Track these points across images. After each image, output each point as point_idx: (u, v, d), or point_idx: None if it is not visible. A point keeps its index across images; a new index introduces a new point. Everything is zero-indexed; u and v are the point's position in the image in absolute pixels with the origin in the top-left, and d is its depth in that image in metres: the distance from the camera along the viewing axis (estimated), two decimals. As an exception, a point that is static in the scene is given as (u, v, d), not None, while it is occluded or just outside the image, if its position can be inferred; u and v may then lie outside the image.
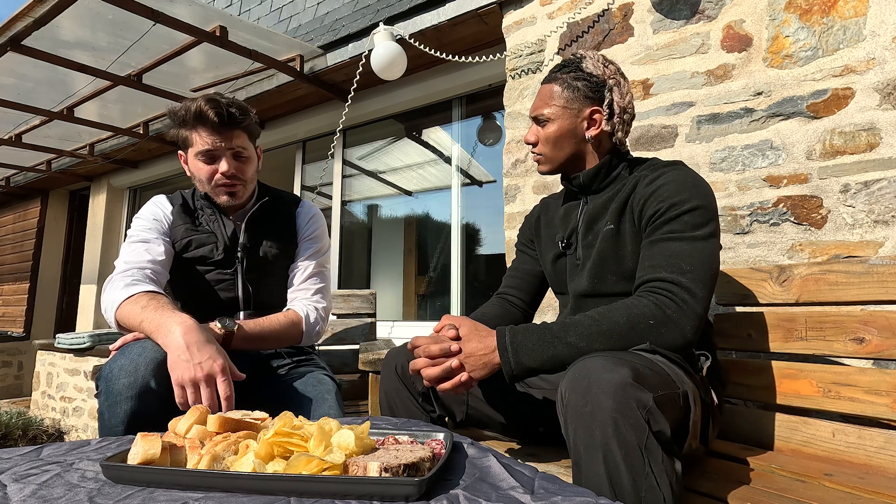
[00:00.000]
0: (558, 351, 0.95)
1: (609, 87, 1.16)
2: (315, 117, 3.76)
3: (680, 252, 1.01)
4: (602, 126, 1.17)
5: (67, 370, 4.72)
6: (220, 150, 1.39)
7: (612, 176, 1.20)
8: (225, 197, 1.44)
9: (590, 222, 1.19)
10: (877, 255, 1.48)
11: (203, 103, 1.35)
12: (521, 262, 1.41)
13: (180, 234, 1.44)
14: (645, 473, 0.76)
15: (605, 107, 1.16)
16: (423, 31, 2.67)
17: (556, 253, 1.26)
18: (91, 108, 3.81)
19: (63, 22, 2.68)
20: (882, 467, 1.04)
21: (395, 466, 0.64)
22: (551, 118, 1.19)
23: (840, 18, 1.60)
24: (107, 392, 1.11)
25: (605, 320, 0.97)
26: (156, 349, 1.13)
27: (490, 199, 3.21)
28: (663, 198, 1.06)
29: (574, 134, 1.19)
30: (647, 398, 0.78)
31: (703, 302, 0.98)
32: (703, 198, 1.05)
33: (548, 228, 1.33)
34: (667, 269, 1.00)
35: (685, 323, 0.96)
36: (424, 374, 1.00)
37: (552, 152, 1.21)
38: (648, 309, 0.97)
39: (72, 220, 6.66)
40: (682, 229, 1.03)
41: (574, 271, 1.21)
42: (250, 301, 1.47)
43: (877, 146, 1.51)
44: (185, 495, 0.63)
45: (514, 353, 0.97)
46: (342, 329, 2.19)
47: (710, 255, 1.02)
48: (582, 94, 1.17)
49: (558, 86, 1.19)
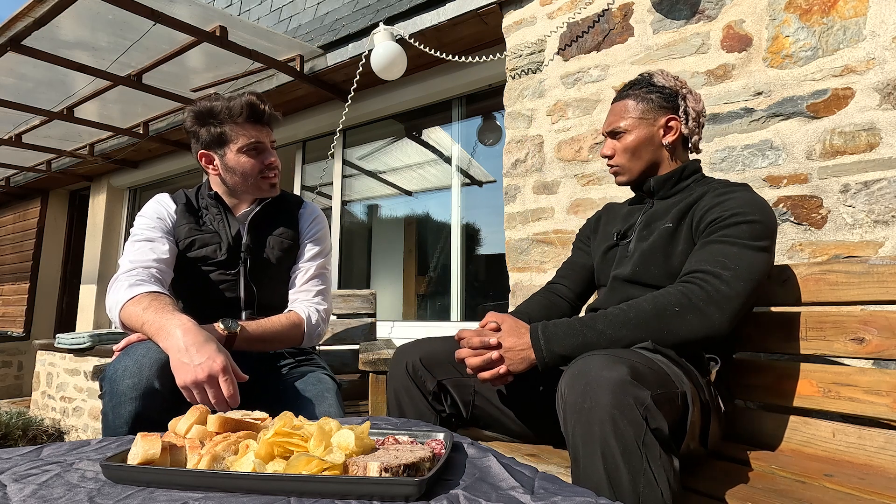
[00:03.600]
0: (587, 338, 0.99)
1: (682, 95, 1.23)
2: (315, 117, 3.76)
3: (728, 253, 1.03)
4: (680, 130, 1.22)
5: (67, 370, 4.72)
6: (265, 143, 1.45)
7: (682, 185, 1.23)
8: (269, 188, 1.49)
9: (650, 221, 1.22)
10: (877, 255, 1.48)
11: (252, 98, 1.41)
12: (575, 257, 1.45)
13: (184, 233, 1.44)
14: (643, 470, 0.77)
15: (681, 113, 1.21)
16: (423, 31, 2.67)
17: (609, 244, 1.30)
18: (91, 108, 3.81)
19: (63, 22, 2.68)
20: (882, 467, 1.04)
21: (395, 466, 0.64)
22: (628, 129, 1.23)
23: (840, 18, 1.60)
24: (111, 393, 1.11)
25: (633, 309, 1.00)
26: (160, 350, 1.14)
27: (490, 199, 3.21)
28: (728, 207, 1.09)
29: (651, 142, 1.23)
30: (645, 396, 0.79)
31: (740, 297, 0.99)
32: (766, 217, 1.08)
33: (607, 225, 1.37)
34: (710, 264, 1.03)
35: (712, 310, 0.97)
36: (468, 363, 1.07)
37: (629, 162, 1.25)
38: (674, 297, 0.99)
39: (72, 220, 6.67)
40: (738, 235, 1.05)
41: (622, 262, 1.24)
42: (253, 301, 1.47)
43: (877, 146, 1.51)
44: (185, 495, 0.63)
45: (546, 341, 1.01)
46: (342, 329, 2.19)
47: (759, 263, 1.04)
48: (656, 104, 1.22)
49: (632, 100, 1.24)
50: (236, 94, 1.43)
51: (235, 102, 1.40)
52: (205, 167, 1.48)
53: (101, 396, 1.15)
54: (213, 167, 1.46)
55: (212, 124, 1.41)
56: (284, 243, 1.51)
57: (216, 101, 1.41)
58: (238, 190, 1.48)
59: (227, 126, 1.41)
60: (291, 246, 1.53)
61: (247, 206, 1.51)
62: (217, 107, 1.40)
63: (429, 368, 1.21)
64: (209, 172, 1.48)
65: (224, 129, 1.41)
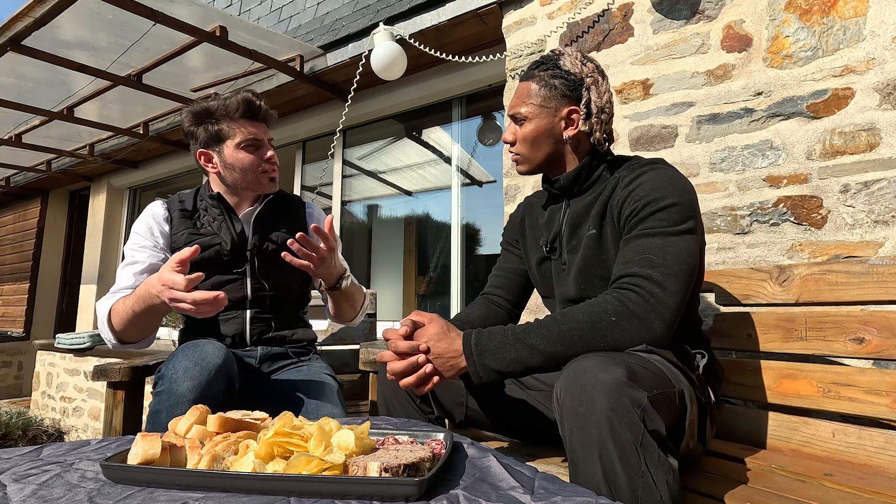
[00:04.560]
0: (520, 354, 0.94)
1: (586, 85, 1.13)
2: (315, 117, 3.76)
3: (652, 247, 0.99)
4: (579, 126, 1.14)
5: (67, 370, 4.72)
6: (262, 139, 1.46)
7: (592, 178, 1.17)
8: (268, 182, 1.49)
9: (573, 226, 1.17)
10: (877, 255, 1.48)
11: (248, 95, 1.43)
12: (506, 262, 1.39)
13: (182, 239, 1.44)
14: (641, 472, 0.76)
15: (582, 106, 1.13)
16: (423, 31, 2.67)
17: (541, 256, 1.25)
18: (91, 108, 3.81)
19: (63, 22, 2.68)
20: (882, 467, 1.04)
21: (395, 466, 0.65)
22: (528, 117, 1.16)
23: (840, 18, 1.60)
24: (169, 392, 1.13)
25: (567, 320, 0.95)
26: (216, 353, 1.18)
27: (490, 199, 3.21)
28: (639, 197, 1.04)
29: (551, 134, 1.16)
30: (642, 397, 0.78)
31: (676, 296, 0.95)
32: (679, 195, 1.03)
33: (532, 230, 1.31)
34: (637, 265, 0.98)
35: (652, 317, 0.93)
36: (390, 368, 0.99)
37: (530, 152, 1.18)
38: (611, 305, 0.94)
39: (72, 220, 6.67)
40: (657, 225, 1.00)
41: (560, 276, 1.20)
42: (260, 300, 1.47)
43: (877, 146, 1.51)
44: (185, 495, 0.63)
45: (479, 355, 0.95)
46: (342, 329, 2.19)
47: (685, 249, 0.99)
48: (559, 92, 1.14)
49: (535, 84, 1.16)
50: (231, 94, 1.44)
51: (231, 100, 1.41)
52: (204, 166, 1.48)
53: (156, 394, 1.17)
54: (213, 165, 1.46)
55: (209, 122, 1.42)
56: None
57: (212, 100, 1.42)
58: (238, 186, 1.48)
59: (224, 123, 1.42)
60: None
61: (249, 205, 1.51)
62: (213, 105, 1.41)
63: None
64: (209, 171, 1.49)
65: (221, 126, 1.42)
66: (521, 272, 1.36)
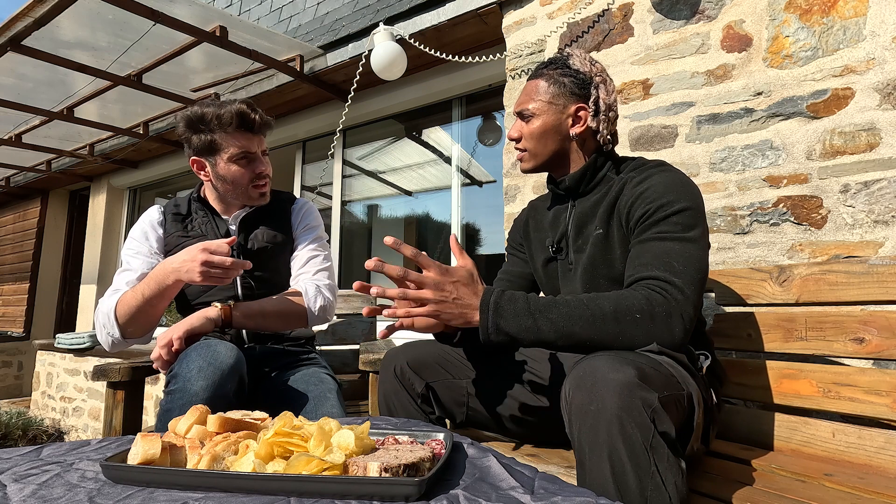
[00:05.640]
0: (539, 324, 0.93)
1: (595, 84, 1.15)
2: (315, 117, 3.76)
3: (671, 251, 1.00)
4: (587, 123, 1.16)
5: (67, 370, 4.72)
6: (255, 152, 1.45)
7: (598, 177, 1.18)
8: (258, 197, 1.50)
9: (579, 226, 1.18)
10: (877, 255, 1.48)
11: (243, 108, 1.40)
12: (512, 266, 1.40)
13: (173, 241, 1.48)
14: (650, 473, 0.76)
15: (590, 104, 1.15)
16: (423, 31, 2.67)
17: (547, 257, 1.25)
18: (91, 108, 3.81)
19: (63, 22, 2.68)
20: (882, 467, 1.04)
21: (395, 466, 0.64)
22: (536, 113, 1.17)
23: (840, 18, 1.60)
24: (182, 391, 1.14)
25: (593, 305, 0.95)
26: (228, 354, 1.19)
27: (490, 199, 3.21)
28: (651, 199, 1.04)
29: (558, 130, 1.17)
30: (653, 398, 0.78)
31: (694, 304, 0.96)
32: (691, 199, 1.04)
33: (537, 232, 1.31)
34: (659, 268, 0.98)
35: (674, 322, 0.93)
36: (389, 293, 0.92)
37: (536, 148, 1.19)
38: (638, 303, 0.94)
39: (72, 220, 6.66)
40: (672, 230, 1.02)
41: (566, 276, 1.20)
42: (254, 297, 1.47)
43: (877, 146, 1.51)
44: (185, 495, 0.63)
45: (496, 313, 0.93)
46: (342, 329, 2.19)
47: (700, 258, 1.01)
48: (568, 90, 1.16)
49: (544, 81, 1.18)
50: (228, 101, 1.42)
51: (226, 111, 1.39)
52: (196, 173, 1.49)
53: (169, 392, 1.18)
54: (205, 174, 1.47)
55: (202, 131, 1.41)
56: (278, 237, 1.53)
57: (207, 107, 1.40)
58: (228, 197, 1.50)
59: (217, 134, 1.40)
60: (285, 239, 1.55)
61: (237, 209, 1.53)
62: (208, 114, 1.39)
63: (417, 371, 1.20)
64: (201, 178, 1.50)
65: (214, 137, 1.41)
66: (526, 275, 1.36)
